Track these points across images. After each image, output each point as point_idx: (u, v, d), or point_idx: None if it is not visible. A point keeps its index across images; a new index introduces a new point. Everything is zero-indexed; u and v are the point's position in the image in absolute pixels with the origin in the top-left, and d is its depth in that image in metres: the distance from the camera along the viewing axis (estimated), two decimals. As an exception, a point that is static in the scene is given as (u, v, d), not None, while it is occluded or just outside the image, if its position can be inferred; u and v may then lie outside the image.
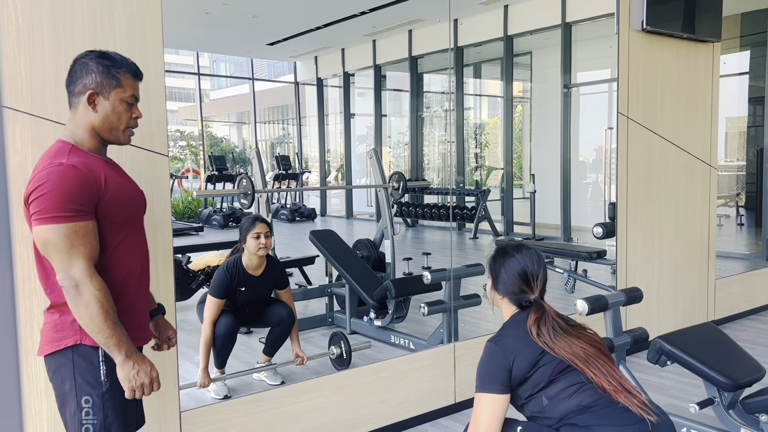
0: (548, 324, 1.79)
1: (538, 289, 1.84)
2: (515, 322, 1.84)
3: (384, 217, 4.93)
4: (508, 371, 1.75)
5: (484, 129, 10.71)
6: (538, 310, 1.81)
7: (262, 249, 3.28)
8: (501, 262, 1.88)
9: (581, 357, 1.74)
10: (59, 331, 1.59)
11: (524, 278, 1.84)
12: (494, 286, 1.91)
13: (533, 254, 1.87)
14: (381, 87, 11.08)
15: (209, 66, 13.47)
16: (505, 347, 1.77)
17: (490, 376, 1.76)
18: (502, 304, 1.91)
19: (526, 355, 1.75)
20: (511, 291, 1.85)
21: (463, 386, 3.22)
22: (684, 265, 4.29)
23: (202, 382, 3.11)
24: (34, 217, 1.50)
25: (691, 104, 4.24)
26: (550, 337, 1.76)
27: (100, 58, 1.63)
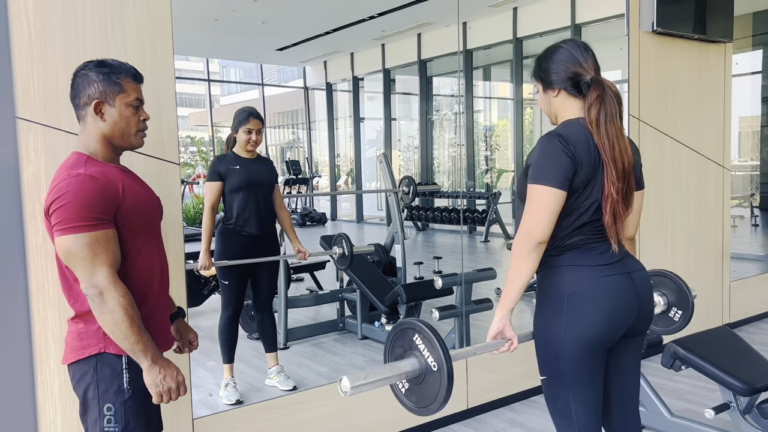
0: (608, 105, 1.69)
1: (592, 69, 1.75)
2: (578, 124, 1.72)
3: (394, 221, 4.93)
4: (574, 168, 1.64)
5: (494, 131, 10.69)
6: (598, 87, 1.71)
7: (252, 144, 3.28)
8: (547, 58, 1.79)
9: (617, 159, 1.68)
10: (83, 340, 1.61)
11: (575, 61, 1.75)
12: (545, 86, 1.80)
13: (578, 42, 1.80)
14: (390, 91, 11.09)
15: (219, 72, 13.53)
16: (574, 143, 1.66)
17: (554, 169, 1.64)
18: (559, 102, 1.78)
19: (590, 166, 1.67)
20: (566, 77, 1.75)
21: (475, 391, 3.21)
22: (698, 268, 4.25)
23: (203, 264, 3.20)
24: (55, 227, 1.52)
25: (703, 105, 4.20)
26: (605, 121, 1.67)
27: (99, 66, 1.64)
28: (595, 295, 1.70)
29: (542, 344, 1.77)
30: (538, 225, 1.64)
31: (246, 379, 3.61)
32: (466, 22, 8.70)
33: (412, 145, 11.47)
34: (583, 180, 1.67)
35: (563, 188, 1.64)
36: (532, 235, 1.64)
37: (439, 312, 3.57)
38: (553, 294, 1.74)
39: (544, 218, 1.63)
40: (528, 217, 1.66)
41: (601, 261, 1.73)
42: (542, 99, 1.84)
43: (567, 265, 1.72)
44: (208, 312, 4.58)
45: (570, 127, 1.73)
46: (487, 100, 10.91)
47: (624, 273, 1.75)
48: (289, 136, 15.01)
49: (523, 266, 1.66)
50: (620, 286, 1.73)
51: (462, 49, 8.84)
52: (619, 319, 1.72)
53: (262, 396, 3.31)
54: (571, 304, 1.70)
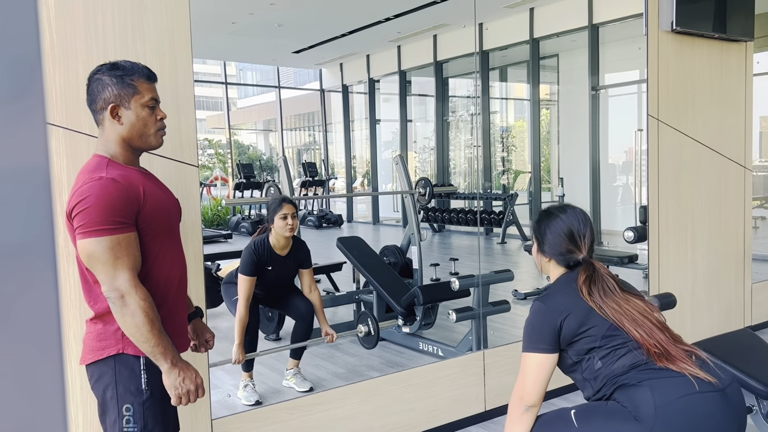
0: (599, 283, 1.73)
1: (585, 248, 1.79)
2: (563, 282, 1.79)
3: (410, 223, 4.93)
4: (556, 330, 1.70)
5: (510, 132, 10.64)
6: (587, 269, 1.76)
7: (289, 229, 3.31)
8: (546, 224, 1.84)
9: (630, 318, 1.68)
10: (102, 341, 1.62)
11: (571, 238, 1.79)
12: (540, 249, 1.86)
13: (578, 213, 1.82)
14: (406, 92, 11.09)
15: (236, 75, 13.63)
16: (554, 305, 1.73)
17: (538, 334, 1.72)
18: (549, 267, 1.86)
19: (575, 314, 1.70)
20: (558, 252, 1.80)
21: (493, 394, 3.19)
22: (719, 270, 4.20)
23: (237, 358, 3.19)
24: (78, 231, 1.53)
25: (724, 105, 4.15)
26: (601, 296, 1.70)
27: (112, 69, 1.64)
28: (689, 413, 1.56)
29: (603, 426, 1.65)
30: (528, 391, 1.72)
31: (264, 380, 3.62)
32: (483, 23, 8.68)
33: (428, 147, 11.46)
34: (573, 326, 1.69)
35: (549, 352, 1.71)
36: (523, 398, 1.73)
37: (456, 314, 3.56)
38: (637, 402, 1.59)
39: (533, 384, 1.72)
40: (520, 383, 1.75)
41: (677, 374, 1.60)
42: (535, 254, 1.91)
43: (647, 379, 1.60)
44: (227, 313, 4.60)
45: (553, 289, 1.81)
46: (504, 101, 10.87)
47: (718, 390, 1.60)
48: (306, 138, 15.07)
49: (517, 427, 1.75)
50: (715, 406, 1.58)
51: (478, 50, 8.81)
52: None
53: (280, 397, 3.32)
54: (660, 418, 1.55)
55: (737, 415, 1.64)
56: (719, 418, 1.59)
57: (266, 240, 3.38)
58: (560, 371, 1.82)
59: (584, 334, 1.69)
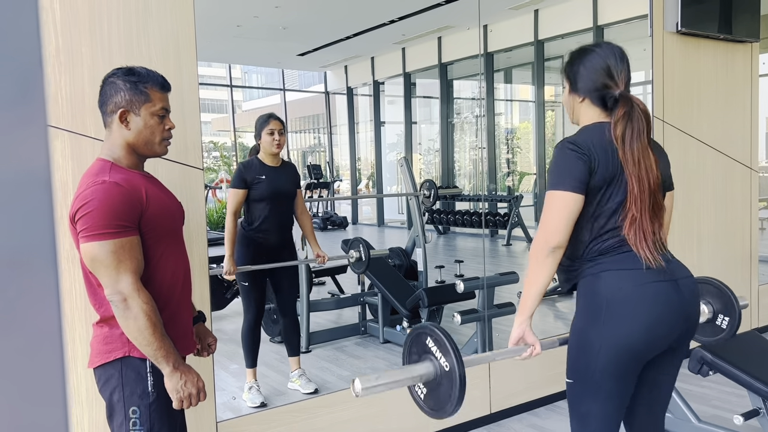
0: (634, 123, 1.63)
1: (622, 83, 1.68)
2: (597, 128, 1.68)
3: (415, 225, 4.93)
4: (587, 169, 1.61)
5: (515, 134, 10.63)
6: (626, 104, 1.65)
7: (276, 145, 3.31)
8: (580, 61, 1.72)
9: (637, 177, 1.62)
10: (108, 344, 1.63)
11: (608, 72, 1.68)
12: (573, 89, 1.74)
13: (615, 48, 1.72)
14: (411, 94, 11.09)
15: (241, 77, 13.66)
16: (586, 145, 1.63)
17: (568, 172, 1.61)
18: (582, 109, 1.74)
19: (607, 166, 1.62)
20: (594, 88, 1.69)
21: (498, 396, 3.19)
22: (725, 272, 4.18)
23: (228, 269, 3.24)
24: (81, 234, 1.54)
25: (730, 106, 4.14)
26: (630, 139, 1.62)
27: (127, 75, 1.65)
28: (638, 303, 1.61)
29: (575, 348, 1.70)
30: (553, 230, 1.62)
31: (269, 382, 3.63)
32: (487, 25, 8.68)
33: (432, 149, 11.46)
34: (602, 179, 1.63)
35: (578, 192, 1.61)
36: (548, 240, 1.62)
37: (461, 316, 3.55)
38: (591, 299, 1.66)
39: (559, 223, 1.62)
40: (544, 223, 1.64)
41: (643, 265, 1.63)
42: (567, 98, 1.80)
43: (606, 270, 1.64)
44: (232, 315, 4.61)
45: (585, 133, 1.70)
46: (509, 102, 10.86)
47: (670, 280, 1.65)
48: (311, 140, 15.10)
49: (540, 271, 1.64)
50: (666, 294, 1.63)
51: (483, 52, 8.81)
52: (662, 331, 1.63)
53: (284, 399, 3.32)
54: (611, 311, 1.61)
55: (684, 305, 1.66)
56: (666, 306, 1.62)
57: (255, 158, 3.38)
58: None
59: (606, 190, 1.63)
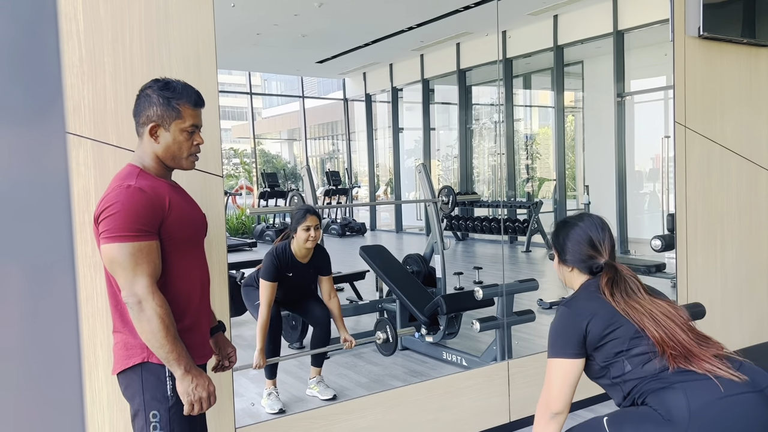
0: (621, 284, 1.72)
1: (607, 253, 1.79)
2: (587, 287, 1.79)
3: (434, 231, 4.91)
4: (582, 334, 1.68)
5: (534, 140, 10.57)
6: (609, 271, 1.75)
7: (311, 241, 3.34)
8: (564, 234, 1.84)
9: (650, 317, 1.65)
10: (129, 350, 1.66)
11: (591, 244, 1.79)
12: (561, 260, 1.86)
13: (596, 220, 1.83)
14: (429, 101, 11.09)
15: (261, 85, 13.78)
16: (578, 310, 1.72)
17: (563, 339, 1.70)
18: (572, 277, 1.85)
19: (600, 317, 1.68)
20: (579, 259, 1.80)
21: (518, 405, 3.16)
22: (750, 279, 4.11)
23: (258, 363, 3.22)
24: (102, 235, 1.58)
25: (754, 111, 4.07)
26: (623, 297, 1.69)
27: (162, 89, 1.70)
28: (726, 417, 1.51)
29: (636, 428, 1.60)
30: (554, 398, 1.70)
31: (287, 388, 3.63)
32: (506, 31, 8.65)
33: (451, 155, 11.44)
34: (599, 331, 1.67)
35: (575, 357, 1.69)
36: (549, 406, 1.71)
37: (480, 323, 3.53)
38: (670, 406, 1.54)
39: (559, 391, 1.70)
40: (546, 390, 1.73)
41: (705, 377, 1.56)
42: (557, 267, 1.90)
43: (679, 381, 1.56)
44: (251, 321, 4.62)
45: (578, 294, 1.79)
46: (528, 108, 10.80)
47: (755, 391, 1.55)
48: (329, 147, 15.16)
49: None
50: (753, 407, 1.53)
51: (501, 58, 8.79)
52: None
53: (303, 406, 3.33)
54: (695, 423, 1.49)
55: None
56: (756, 420, 1.53)
57: (288, 247, 3.41)
58: (587, 379, 1.79)
59: (610, 337, 1.67)
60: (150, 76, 2.12)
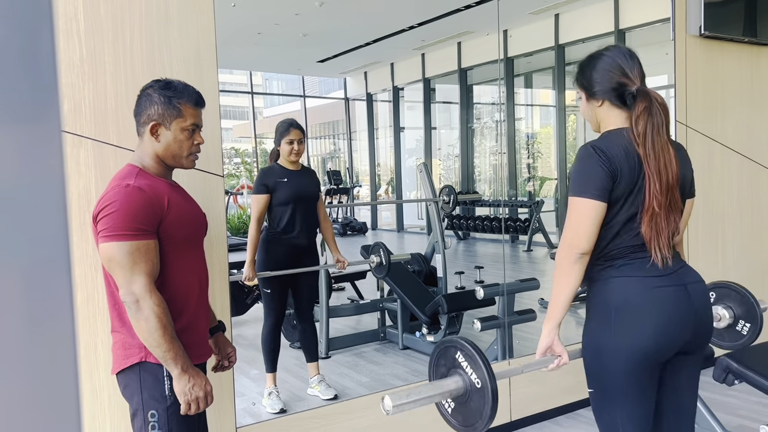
0: (656, 117, 1.63)
1: (638, 79, 1.69)
2: (620, 134, 1.68)
3: (435, 230, 4.91)
4: (612, 180, 1.61)
5: (536, 139, 10.56)
6: (645, 98, 1.65)
7: (295, 154, 3.33)
8: (590, 66, 1.73)
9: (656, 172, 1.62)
10: (127, 350, 1.67)
11: (621, 70, 1.69)
12: (589, 95, 1.74)
13: (623, 49, 1.73)
14: (430, 100, 11.08)
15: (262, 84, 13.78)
16: (613, 154, 1.62)
17: (594, 179, 1.61)
18: (602, 113, 1.73)
19: (631, 176, 1.63)
20: (610, 87, 1.69)
21: (519, 404, 3.16)
22: (751, 278, 4.09)
23: (248, 275, 3.25)
24: (100, 234, 1.59)
25: (755, 110, 4.06)
26: (651, 135, 1.62)
27: (163, 89, 1.71)
28: (646, 308, 1.64)
29: (589, 357, 1.73)
30: (579, 236, 1.62)
31: (288, 388, 3.64)
32: (507, 30, 8.65)
33: (452, 154, 11.43)
34: (624, 190, 1.64)
35: (602, 200, 1.62)
36: (573, 246, 1.62)
37: (481, 323, 3.53)
38: (601, 305, 1.69)
39: (585, 230, 1.62)
40: (569, 229, 1.64)
41: (652, 272, 1.66)
42: (585, 107, 1.79)
43: (615, 276, 1.67)
44: (252, 321, 4.64)
45: (609, 139, 1.69)
46: (529, 107, 10.79)
47: (678, 285, 1.68)
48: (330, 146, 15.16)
49: (567, 278, 1.64)
50: (674, 298, 1.66)
51: (503, 57, 8.78)
52: (672, 335, 1.65)
53: (304, 405, 3.33)
54: (620, 316, 1.64)
55: (695, 309, 1.67)
56: (675, 310, 1.64)
57: (276, 163, 3.40)
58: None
59: (626, 200, 1.64)
60: (150, 76, 2.12)
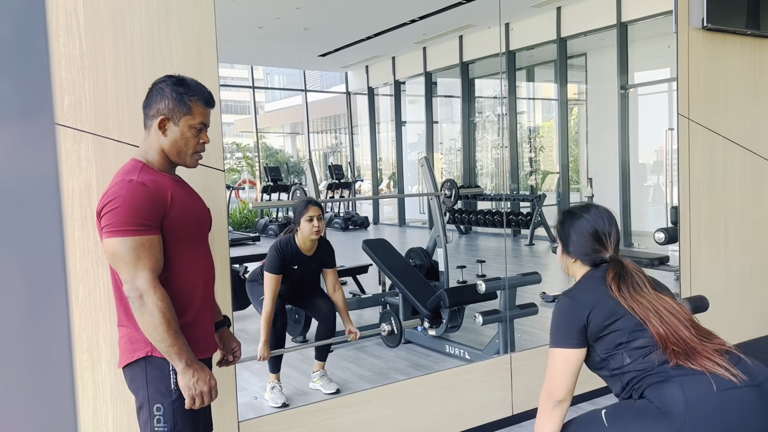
0: (628, 279, 1.70)
1: (612, 247, 1.78)
2: (590, 278, 1.78)
3: (436, 224, 4.91)
4: (583, 324, 1.68)
5: (538, 133, 10.54)
6: (615, 266, 1.73)
7: (315, 232, 3.34)
8: (569, 224, 1.82)
9: (656, 313, 1.64)
10: (133, 344, 1.68)
11: (596, 237, 1.77)
12: (565, 250, 1.84)
13: (603, 212, 1.81)
14: (432, 94, 11.06)
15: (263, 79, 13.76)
16: (580, 300, 1.71)
17: (565, 329, 1.70)
18: (575, 268, 1.84)
19: (601, 308, 1.67)
20: (584, 252, 1.79)
21: (521, 398, 3.16)
22: (753, 271, 4.09)
23: (262, 355, 3.23)
24: (104, 229, 1.59)
25: (758, 103, 4.05)
26: (630, 293, 1.68)
27: (176, 85, 1.71)
28: (721, 410, 1.51)
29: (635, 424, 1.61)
30: (556, 386, 1.70)
31: (291, 382, 3.64)
32: (509, 23, 8.61)
33: (454, 148, 11.42)
34: (600, 322, 1.66)
35: (576, 347, 1.69)
36: (552, 394, 1.71)
37: (483, 317, 3.53)
38: (667, 400, 1.55)
39: (561, 379, 1.69)
40: (548, 379, 1.73)
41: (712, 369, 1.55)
42: (560, 255, 1.88)
43: (677, 375, 1.56)
44: (254, 315, 4.64)
45: (580, 284, 1.78)
46: (531, 101, 10.77)
47: (752, 385, 1.54)
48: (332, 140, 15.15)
49: (547, 423, 1.72)
50: (749, 401, 1.53)
51: (504, 51, 8.75)
52: None
53: (306, 399, 3.34)
54: (691, 415, 1.50)
55: None
56: (753, 414, 1.54)
57: (292, 240, 3.41)
58: (590, 373, 1.79)
59: (611, 328, 1.67)
60: (151, 70, 2.12)
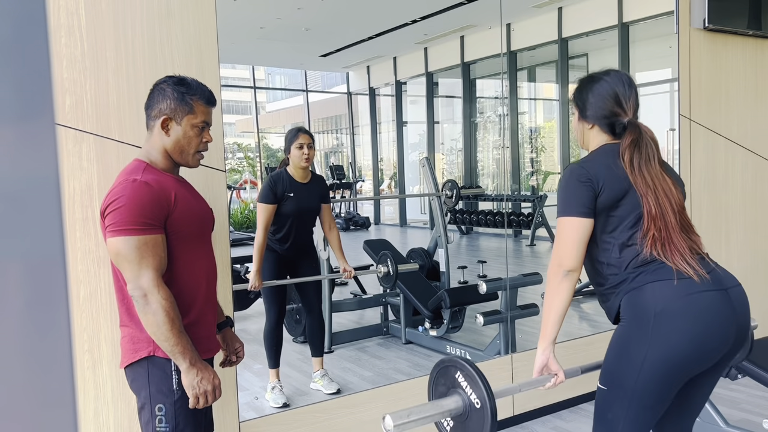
0: (643, 149, 1.66)
1: (631, 111, 1.71)
2: (604, 150, 1.71)
3: (437, 225, 4.91)
4: (594, 193, 1.63)
5: (539, 133, 10.53)
6: (633, 131, 1.67)
7: (305, 159, 3.32)
8: (588, 88, 1.75)
9: (653, 192, 1.62)
10: (135, 344, 1.68)
11: (616, 100, 1.70)
12: (582, 116, 1.77)
13: (623, 76, 1.74)
14: (433, 94, 11.06)
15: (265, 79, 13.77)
16: (593, 169, 1.65)
17: (575, 197, 1.64)
18: (591, 135, 1.77)
19: (612, 187, 1.64)
20: (602, 115, 1.71)
21: (522, 398, 3.16)
22: (755, 272, 4.09)
23: (253, 284, 3.22)
24: (108, 229, 1.60)
25: (760, 104, 4.04)
26: (639, 165, 1.64)
27: (177, 84, 1.72)
28: (686, 315, 1.56)
29: (616, 356, 1.66)
30: (566, 254, 1.66)
31: (291, 382, 3.65)
32: (510, 24, 8.61)
33: (455, 148, 11.42)
34: (609, 199, 1.64)
35: (586, 216, 1.65)
36: (561, 264, 1.66)
37: (484, 317, 3.53)
38: (637, 311, 1.61)
39: (571, 247, 1.65)
40: (557, 248, 1.69)
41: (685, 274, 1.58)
42: (576, 124, 1.82)
43: (649, 281, 1.61)
44: (255, 316, 4.65)
45: (593, 156, 1.73)
46: (532, 101, 10.77)
47: (719, 289, 1.60)
48: (333, 141, 15.15)
49: (557, 295, 1.67)
50: (715, 304, 1.58)
51: (505, 51, 8.75)
52: (714, 345, 1.58)
53: (307, 400, 3.34)
54: (659, 323, 1.56)
55: (736, 317, 1.62)
56: (722, 318, 1.58)
57: (284, 171, 3.39)
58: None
59: (617, 209, 1.65)
60: (152, 71, 2.12)
